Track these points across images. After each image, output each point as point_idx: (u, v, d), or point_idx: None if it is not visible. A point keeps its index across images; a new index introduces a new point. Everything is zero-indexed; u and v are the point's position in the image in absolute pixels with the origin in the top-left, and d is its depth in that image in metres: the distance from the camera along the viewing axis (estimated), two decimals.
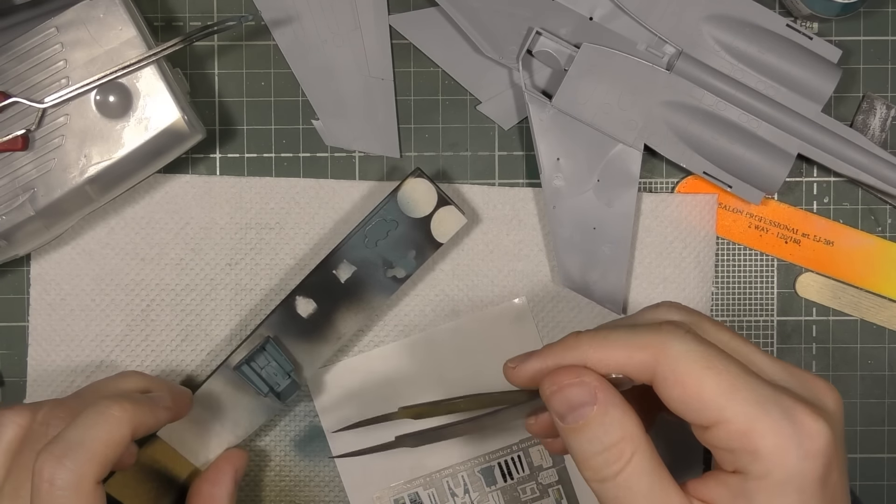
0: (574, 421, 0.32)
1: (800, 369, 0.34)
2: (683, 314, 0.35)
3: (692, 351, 0.32)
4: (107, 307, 0.46)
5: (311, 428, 0.47)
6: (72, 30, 0.41)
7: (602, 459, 0.32)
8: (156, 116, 0.42)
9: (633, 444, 0.32)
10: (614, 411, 0.32)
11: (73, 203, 0.42)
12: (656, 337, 0.32)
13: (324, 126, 0.47)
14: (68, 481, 0.33)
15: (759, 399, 0.31)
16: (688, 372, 0.31)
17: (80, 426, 0.35)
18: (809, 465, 0.31)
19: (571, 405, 0.32)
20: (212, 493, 0.41)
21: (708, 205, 0.47)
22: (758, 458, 0.31)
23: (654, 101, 0.45)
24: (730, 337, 0.34)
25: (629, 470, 0.31)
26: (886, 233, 0.48)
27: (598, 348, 0.33)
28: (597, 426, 0.32)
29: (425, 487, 0.46)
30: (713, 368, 0.31)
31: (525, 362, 0.35)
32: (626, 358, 0.32)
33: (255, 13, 0.47)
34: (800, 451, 0.31)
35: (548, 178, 0.45)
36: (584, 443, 0.32)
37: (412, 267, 0.44)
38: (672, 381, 0.32)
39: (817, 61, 0.44)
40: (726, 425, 0.31)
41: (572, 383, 0.32)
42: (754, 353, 0.34)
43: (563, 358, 0.34)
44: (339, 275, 0.44)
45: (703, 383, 0.31)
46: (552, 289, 0.47)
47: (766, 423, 0.31)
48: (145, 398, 0.38)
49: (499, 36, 0.45)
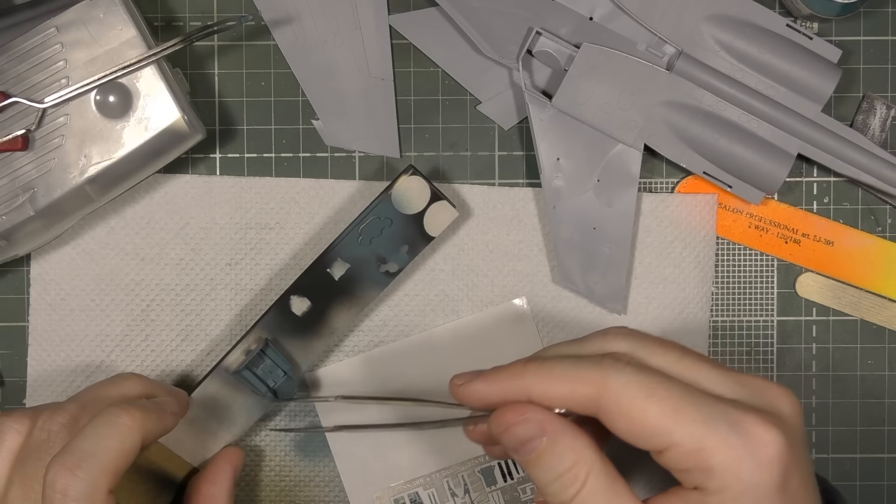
0: (527, 454, 0.33)
1: (754, 377, 0.34)
2: (629, 342, 0.35)
3: (632, 382, 0.32)
4: (107, 307, 0.46)
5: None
6: (72, 30, 0.41)
7: (559, 485, 0.33)
8: (156, 116, 0.42)
9: (587, 467, 0.32)
10: (564, 439, 0.33)
11: (73, 203, 0.42)
12: (598, 371, 0.33)
13: (324, 126, 0.47)
14: (82, 492, 0.33)
15: (705, 417, 0.32)
16: (631, 403, 0.32)
17: (90, 436, 0.35)
18: (765, 474, 0.31)
19: (521, 441, 0.33)
20: (211, 493, 0.41)
21: (708, 205, 0.47)
22: (712, 474, 0.31)
23: (654, 101, 0.45)
24: (678, 357, 0.34)
25: (585, 492, 0.32)
26: (886, 233, 0.48)
27: (541, 380, 0.34)
28: (549, 456, 0.33)
29: (425, 487, 0.46)
30: (655, 395, 0.32)
31: (471, 383, 0.36)
32: (569, 392, 0.33)
33: (255, 13, 0.47)
34: (752, 462, 0.31)
35: (548, 178, 0.45)
36: (541, 472, 0.33)
37: (405, 261, 0.44)
38: (617, 414, 0.32)
39: (817, 61, 0.44)
40: (677, 448, 0.32)
41: (518, 422, 0.33)
42: (704, 369, 0.34)
43: (507, 386, 0.34)
44: (333, 273, 0.44)
45: (647, 412, 0.32)
46: (552, 289, 0.47)
47: (715, 440, 0.31)
48: (153, 405, 0.38)
49: (499, 36, 0.45)
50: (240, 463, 0.43)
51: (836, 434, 0.48)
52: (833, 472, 0.48)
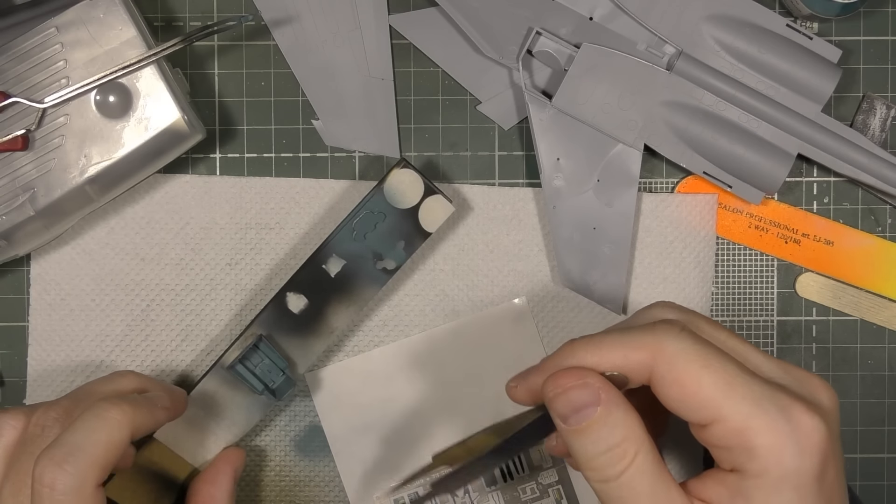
0: (577, 422, 0.32)
1: (796, 367, 0.34)
2: (679, 313, 0.35)
3: (689, 349, 0.32)
4: (107, 307, 0.46)
5: (311, 428, 0.47)
6: (72, 30, 0.41)
7: (605, 460, 0.32)
8: (156, 116, 0.42)
9: (636, 445, 0.32)
10: (617, 411, 0.32)
11: (73, 203, 0.42)
12: (652, 336, 0.32)
13: (324, 126, 0.47)
14: (70, 486, 0.33)
15: (756, 397, 0.31)
16: (685, 370, 0.31)
17: (79, 429, 0.35)
18: (806, 462, 0.31)
19: (575, 407, 0.32)
20: (211, 494, 0.41)
21: (708, 205, 0.47)
22: (754, 455, 0.31)
23: (654, 101, 0.45)
24: (727, 336, 0.34)
25: (632, 470, 0.31)
26: (886, 233, 0.48)
27: (593, 352, 0.33)
28: (600, 427, 0.32)
29: (425, 487, 0.46)
30: (710, 367, 0.31)
31: (526, 378, 0.35)
32: (623, 359, 0.33)
33: (255, 13, 0.47)
34: (796, 448, 0.31)
35: (548, 178, 0.45)
36: (588, 444, 0.32)
37: (402, 258, 0.44)
38: (669, 380, 0.32)
39: (817, 61, 0.44)
40: (723, 423, 0.31)
41: (575, 385, 0.32)
42: (750, 351, 0.34)
43: (562, 367, 0.34)
44: (329, 269, 0.44)
45: (701, 381, 0.31)
46: (552, 289, 0.47)
47: (762, 421, 0.31)
48: (143, 399, 0.38)
49: (499, 36, 0.45)
50: (240, 464, 0.42)
51: None
52: None
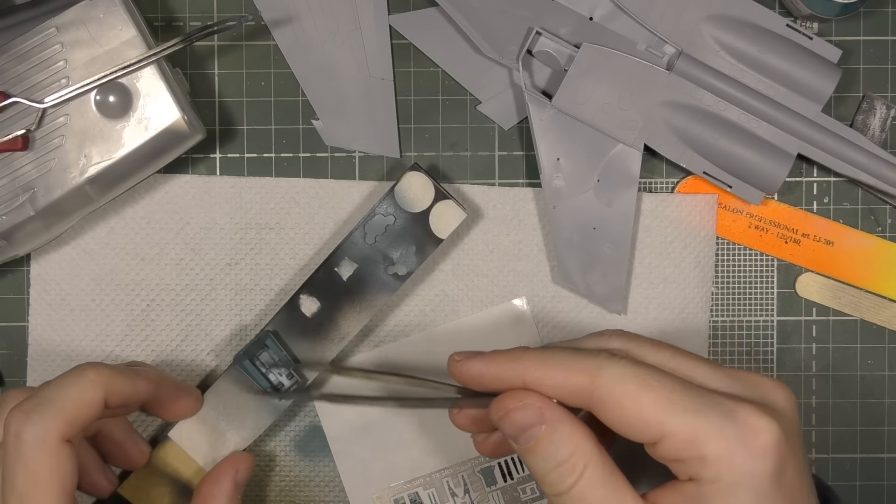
0: (525, 441, 0.33)
1: (747, 372, 0.35)
2: (623, 341, 0.36)
3: (627, 373, 0.33)
4: (107, 307, 0.46)
5: (311, 428, 0.47)
6: (72, 30, 0.41)
7: (556, 475, 0.33)
8: (156, 116, 0.42)
9: (585, 457, 0.33)
10: (562, 428, 0.33)
11: (73, 203, 0.42)
12: (593, 362, 0.33)
13: (324, 126, 0.47)
14: (34, 436, 0.34)
15: (698, 407, 0.32)
16: (624, 393, 0.32)
17: (52, 385, 0.36)
18: (759, 463, 0.31)
19: (519, 428, 0.33)
20: (211, 492, 0.41)
21: (708, 205, 0.47)
22: (706, 463, 0.31)
23: (654, 101, 0.45)
24: (670, 355, 0.35)
25: (582, 482, 0.32)
26: (886, 233, 0.48)
27: (538, 366, 0.34)
28: (546, 444, 0.33)
29: (425, 487, 0.46)
30: (648, 386, 0.32)
31: (470, 360, 0.36)
32: (564, 380, 0.33)
33: (255, 13, 0.47)
34: (746, 451, 0.31)
35: (548, 178, 0.45)
36: (538, 461, 0.33)
37: (413, 264, 0.44)
38: (611, 405, 0.33)
39: (817, 61, 0.44)
40: (671, 438, 0.32)
41: (517, 407, 0.34)
42: (696, 365, 0.34)
43: (505, 368, 0.35)
44: (341, 272, 0.44)
45: (641, 402, 0.32)
46: (552, 289, 0.47)
47: (708, 429, 0.31)
48: (125, 366, 0.39)
49: (499, 36, 0.45)
50: (245, 467, 0.42)
51: (836, 434, 0.48)
52: (833, 472, 0.48)
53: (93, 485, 0.42)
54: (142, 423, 0.46)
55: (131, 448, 0.42)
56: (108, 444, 0.42)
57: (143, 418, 0.46)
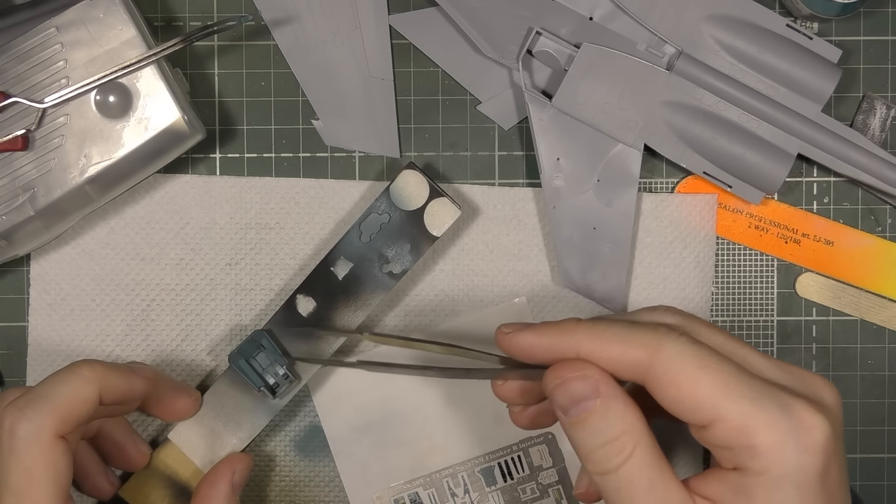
0: (577, 414, 0.32)
1: (797, 367, 0.34)
2: (679, 318, 0.35)
3: (686, 352, 0.32)
4: (107, 307, 0.46)
5: (311, 428, 0.47)
6: (72, 30, 0.41)
7: (604, 452, 0.32)
8: (156, 116, 0.42)
9: (635, 438, 0.32)
10: (616, 405, 0.32)
11: (73, 203, 0.42)
12: (652, 337, 0.32)
13: (324, 126, 0.47)
14: (28, 431, 0.34)
15: (755, 395, 0.31)
16: (682, 372, 0.32)
17: (47, 381, 0.36)
18: (808, 460, 0.31)
19: (574, 398, 0.32)
20: (208, 494, 0.41)
21: (708, 205, 0.47)
22: (755, 454, 0.31)
23: (654, 101, 0.45)
24: (725, 339, 0.34)
25: (631, 463, 0.32)
26: (886, 233, 0.48)
27: (593, 339, 0.33)
28: (599, 419, 0.32)
29: (425, 487, 0.46)
30: (707, 368, 0.31)
31: (520, 332, 0.35)
32: (621, 354, 0.33)
33: (255, 13, 0.47)
34: (798, 446, 0.31)
35: (548, 178, 0.45)
36: (587, 436, 0.32)
37: (408, 262, 0.44)
38: (667, 382, 0.32)
39: (817, 61, 0.44)
40: (722, 423, 0.31)
41: (575, 377, 0.33)
42: (750, 353, 0.34)
43: (558, 339, 0.34)
44: (337, 272, 0.44)
45: (698, 383, 0.31)
46: (552, 289, 0.47)
47: (763, 419, 0.31)
48: (121, 364, 0.39)
49: (499, 36, 0.45)
50: (243, 468, 0.42)
51: None
52: None
53: (94, 487, 0.42)
54: (140, 424, 0.46)
55: (132, 449, 0.42)
56: (108, 445, 0.42)
57: (140, 418, 0.46)
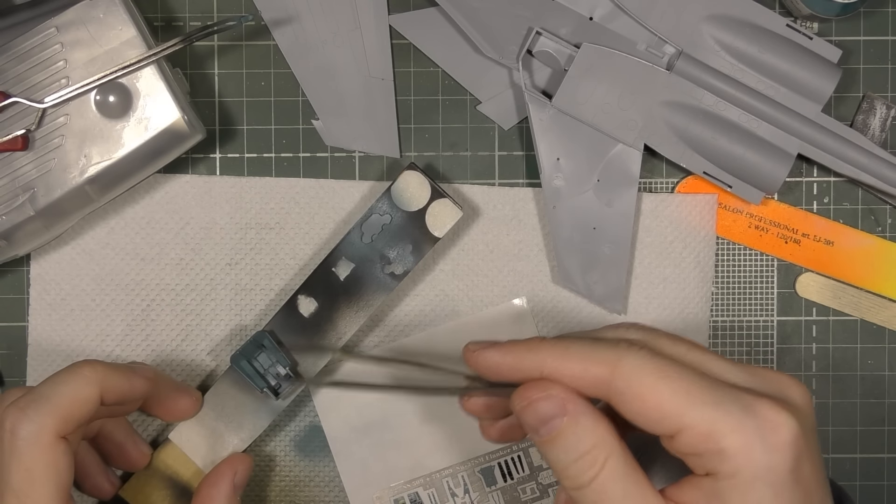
0: (547, 433, 0.33)
1: (763, 368, 0.34)
2: (641, 333, 0.36)
3: (646, 365, 0.32)
4: (107, 307, 0.46)
5: (311, 428, 0.47)
6: (72, 30, 0.41)
7: (576, 468, 0.32)
8: (156, 116, 0.42)
9: (606, 451, 0.32)
10: (584, 420, 0.33)
11: (73, 203, 0.42)
12: (612, 353, 0.33)
13: (324, 126, 0.47)
14: (29, 431, 0.34)
15: (718, 400, 0.32)
16: (643, 384, 0.32)
17: (48, 382, 0.36)
18: (777, 458, 0.31)
19: (542, 418, 0.33)
20: (209, 494, 0.41)
21: (708, 205, 0.47)
22: (724, 457, 0.31)
23: (654, 101, 0.45)
24: (687, 348, 0.35)
25: (603, 476, 0.32)
26: (886, 233, 0.48)
27: (556, 357, 0.34)
28: (569, 436, 0.33)
29: (425, 487, 0.46)
30: (668, 378, 0.32)
31: (486, 350, 0.36)
32: (582, 371, 0.33)
33: (255, 13, 0.47)
34: (765, 445, 0.31)
35: (548, 178, 0.45)
36: (559, 453, 0.33)
37: (410, 263, 0.44)
38: (630, 395, 0.32)
39: (817, 61, 0.44)
40: (689, 431, 0.31)
41: (540, 397, 0.33)
42: (713, 360, 0.34)
43: (522, 358, 0.34)
44: (339, 272, 0.44)
45: (660, 393, 0.32)
46: (552, 289, 0.47)
47: (727, 422, 0.31)
48: (122, 364, 0.39)
49: (499, 36, 0.45)
50: (244, 468, 0.42)
51: (836, 434, 0.48)
52: (833, 472, 0.48)
53: (95, 487, 0.42)
54: (140, 424, 0.46)
55: (132, 449, 0.42)
56: (109, 445, 0.42)
57: (141, 419, 0.46)
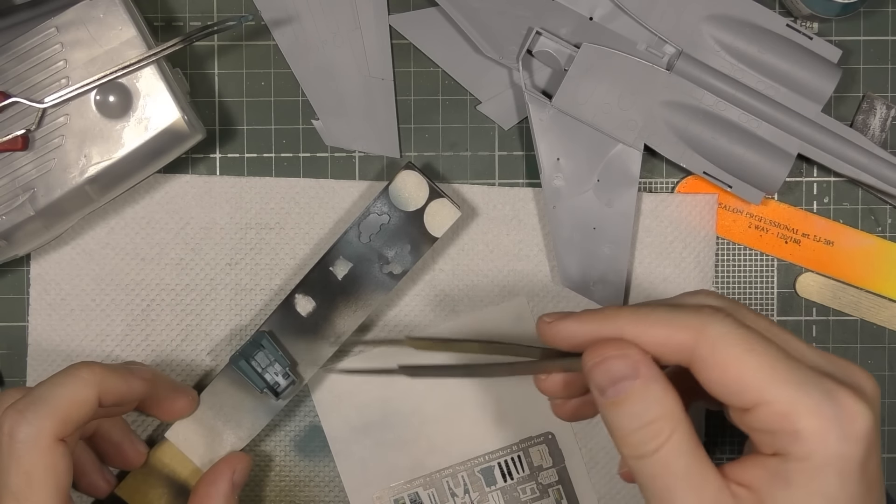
0: (615, 395, 0.32)
1: (838, 357, 0.33)
2: (722, 301, 0.35)
3: (732, 334, 0.31)
4: (107, 307, 0.46)
5: (311, 428, 0.47)
6: (72, 30, 0.41)
7: (641, 436, 0.31)
8: (156, 116, 0.42)
9: (673, 422, 0.31)
10: (656, 387, 0.32)
11: (73, 203, 0.42)
12: (697, 318, 0.32)
13: (324, 126, 0.47)
14: (28, 434, 0.34)
15: (801, 381, 0.31)
16: (728, 354, 0.31)
17: (46, 384, 0.36)
18: (851, 448, 0.30)
19: (613, 378, 0.32)
20: (208, 493, 0.41)
21: (708, 205, 0.47)
22: (798, 439, 0.30)
23: (654, 101, 0.45)
24: (768, 324, 0.34)
25: (667, 448, 0.31)
26: (886, 233, 0.48)
27: (637, 323, 0.33)
28: (637, 401, 0.31)
29: (425, 487, 0.46)
30: (753, 351, 0.31)
31: (562, 321, 0.35)
32: (666, 336, 0.32)
33: (255, 13, 0.47)
34: (841, 433, 0.30)
35: (548, 178, 0.45)
36: (624, 418, 0.32)
37: (408, 262, 0.44)
38: (712, 363, 0.31)
39: (817, 61, 0.44)
40: (767, 407, 0.31)
41: (615, 355, 0.32)
42: (793, 340, 0.33)
43: (601, 326, 0.33)
44: (336, 272, 0.44)
45: (744, 365, 0.31)
46: (552, 289, 0.47)
47: (808, 405, 0.30)
48: (120, 365, 0.39)
49: (499, 36, 0.45)
50: (243, 467, 0.42)
51: None
52: None
53: (90, 485, 0.42)
54: (140, 424, 0.46)
55: (128, 448, 0.42)
56: (105, 444, 0.42)
57: (140, 418, 0.46)
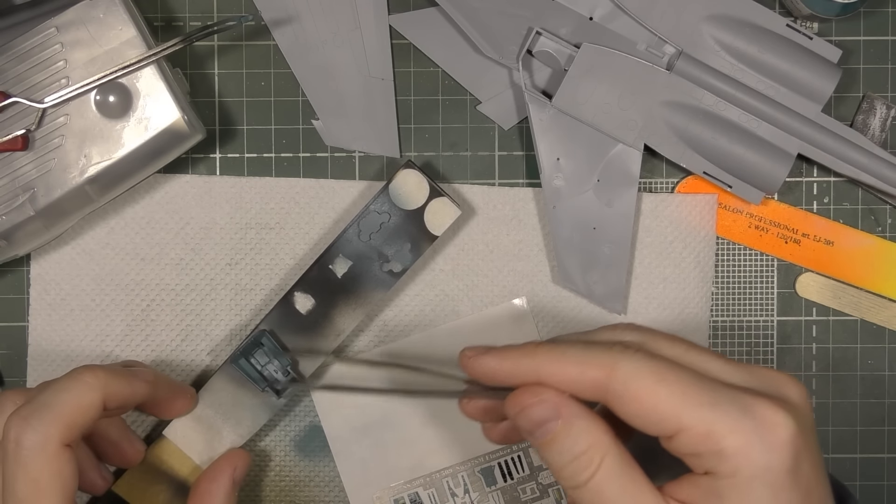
0: (542, 436, 0.33)
1: (761, 367, 0.34)
2: (637, 334, 0.36)
3: (642, 367, 0.32)
4: (107, 307, 0.46)
5: (310, 428, 0.47)
6: (72, 30, 0.41)
7: (572, 468, 0.33)
8: (156, 116, 0.42)
9: (602, 451, 0.32)
10: (578, 422, 0.33)
11: (73, 203, 0.43)
12: (608, 356, 0.33)
13: (324, 126, 0.47)
14: (34, 441, 0.34)
15: (715, 401, 0.32)
16: (640, 387, 0.32)
17: (50, 389, 0.36)
18: (776, 458, 0.31)
19: (536, 422, 0.33)
20: (209, 489, 0.41)
21: (708, 205, 0.47)
22: (723, 457, 0.31)
23: (654, 101, 0.45)
24: (684, 349, 0.35)
25: (599, 475, 0.32)
26: (886, 233, 0.48)
27: (552, 361, 0.34)
28: (563, 438, 0.33)
29: (425, 487, 0.46)
30: (664, 380, 0.32)
31: (482, 356, 0.36)
32: (579, 374, 0.33)
33: (255, 13, 0.47)
34: (763, 445, 0.31)
35: (548, 178, 0.45)
36: (555, 455, 0.33)
37: (408, 261, 0.44)
38: (627, 398, 0.32)
39: (817, 61, 0.44)
40: (687, 432, 0.32)
41: (533, 403, 0.33)
42: (711, 360, 0.34)
43: (518, 364, 0.35)
44: (336, 270, 0.44)
45: (657, 396, 0.32)
46: (552, 289, 0.47)
47: (726, 423, 0.31)
48: (122, 368, 0.39)
49: (499, 36, 0.45)
50: (242, 464, 0.43)
51: (836, 434, 0.48)
52: (833, 472, 0.48)
53: (88, 483, 0.42)
54: (138, 422, 0.46)
55: (126, 446, 0.42)
56: (103, 442, 0.42)
57: (138, 417, 0.46)
